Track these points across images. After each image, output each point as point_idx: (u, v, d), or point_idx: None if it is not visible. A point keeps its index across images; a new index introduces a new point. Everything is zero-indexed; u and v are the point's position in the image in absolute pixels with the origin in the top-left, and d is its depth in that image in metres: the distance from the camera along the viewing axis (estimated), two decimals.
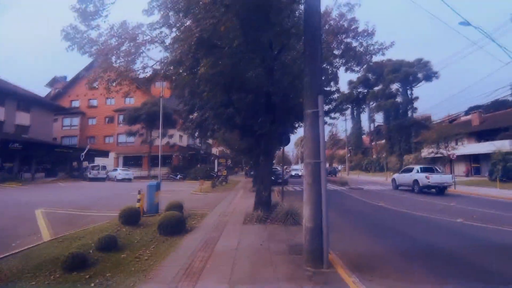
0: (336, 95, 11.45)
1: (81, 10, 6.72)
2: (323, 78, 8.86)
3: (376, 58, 9.39)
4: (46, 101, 36.28)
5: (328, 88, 10.37)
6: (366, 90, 48.06)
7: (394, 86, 44.41)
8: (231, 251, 5.69)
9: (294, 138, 56.17)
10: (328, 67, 9.13)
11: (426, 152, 28.00)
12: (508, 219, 9.39)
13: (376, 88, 46.26)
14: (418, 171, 18.14)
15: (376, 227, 8.71)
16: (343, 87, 44.26)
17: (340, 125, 51.93)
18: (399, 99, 44.33)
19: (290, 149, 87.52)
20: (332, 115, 15.33)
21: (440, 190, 17.18)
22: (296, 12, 7.63)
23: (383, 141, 48.51)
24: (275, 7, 5.86)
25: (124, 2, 8.47)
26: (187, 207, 9.82)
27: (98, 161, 33.03)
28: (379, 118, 48.41)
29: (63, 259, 4.71)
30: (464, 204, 12.80)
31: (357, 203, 14.05)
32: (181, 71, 7.80)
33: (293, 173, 36.66)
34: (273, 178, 15.89)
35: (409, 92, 43.60)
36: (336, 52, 9.02)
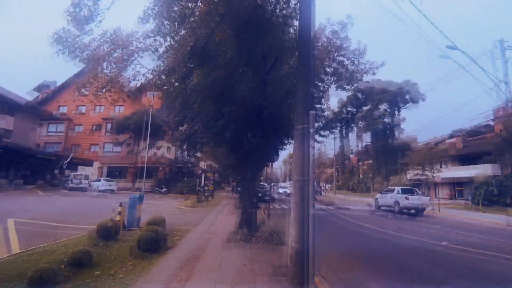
0: (326, 113, 11.57)
1: (74, 14, 6.58)
2: (314, 95, 8.90)
3: (366, 78, 9.55)
4: (32, 105, 35.16)
5: (318, 106, 10.45)
6: (355, 110, 48.87)
7: (382, 107, 45.26)
8: (212, 271, 5.38)
9: (283, 155, 56.17)
10: (320, 84, 9.21)
11: (411, 174, 28.40)
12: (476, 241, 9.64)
13: (364, 108, 47.07)
14: (398, 192, 18.63)
15: (362, 250, 8.54)
16: (333, 106, 45.03)
17: (328, 144, 52.23)
18: (386, 119, 45.15)
19: (278, 166, 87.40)
20: (322, 132, 15.46)
21: (418, 211, 17.74)
22: (291, 28, 7.70)
23: (370, 161, 48.97)
24: (269, 19, 5.88)
25: (118, 9, 8.39)
26: (170, 222, 9.43)
27: (81, 170, 31.95)
28: (367, 138, 49.11)
29: (30, 275, 4.31)
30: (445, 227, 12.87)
31: (343, 223, 13.89)
32: (173, 80, 7.67)
33: (280, 190, 36.19)
34: (260, 195, 15.64)
35: (396, 113, 44.59)
36: (327, 69, 9.12)
